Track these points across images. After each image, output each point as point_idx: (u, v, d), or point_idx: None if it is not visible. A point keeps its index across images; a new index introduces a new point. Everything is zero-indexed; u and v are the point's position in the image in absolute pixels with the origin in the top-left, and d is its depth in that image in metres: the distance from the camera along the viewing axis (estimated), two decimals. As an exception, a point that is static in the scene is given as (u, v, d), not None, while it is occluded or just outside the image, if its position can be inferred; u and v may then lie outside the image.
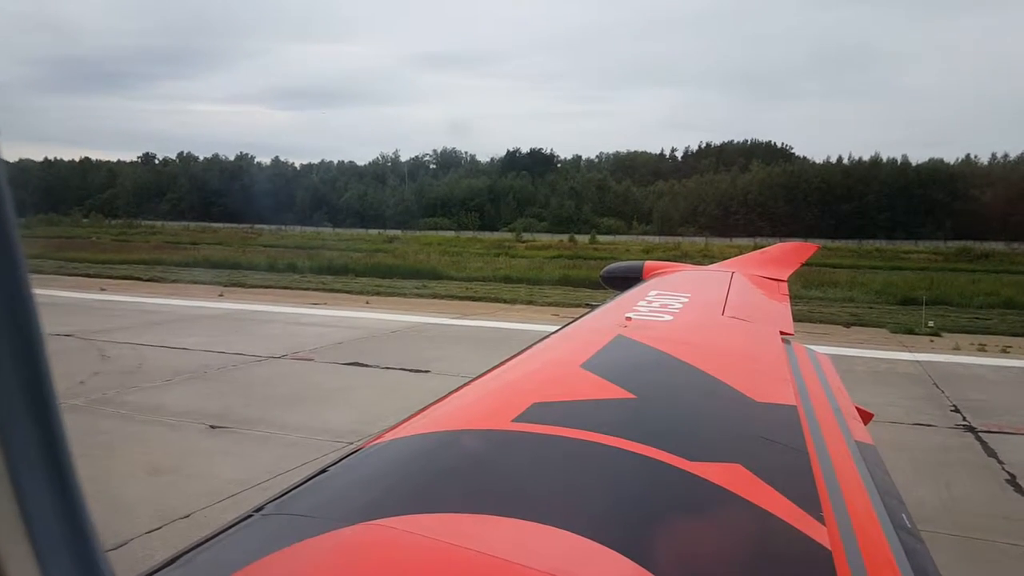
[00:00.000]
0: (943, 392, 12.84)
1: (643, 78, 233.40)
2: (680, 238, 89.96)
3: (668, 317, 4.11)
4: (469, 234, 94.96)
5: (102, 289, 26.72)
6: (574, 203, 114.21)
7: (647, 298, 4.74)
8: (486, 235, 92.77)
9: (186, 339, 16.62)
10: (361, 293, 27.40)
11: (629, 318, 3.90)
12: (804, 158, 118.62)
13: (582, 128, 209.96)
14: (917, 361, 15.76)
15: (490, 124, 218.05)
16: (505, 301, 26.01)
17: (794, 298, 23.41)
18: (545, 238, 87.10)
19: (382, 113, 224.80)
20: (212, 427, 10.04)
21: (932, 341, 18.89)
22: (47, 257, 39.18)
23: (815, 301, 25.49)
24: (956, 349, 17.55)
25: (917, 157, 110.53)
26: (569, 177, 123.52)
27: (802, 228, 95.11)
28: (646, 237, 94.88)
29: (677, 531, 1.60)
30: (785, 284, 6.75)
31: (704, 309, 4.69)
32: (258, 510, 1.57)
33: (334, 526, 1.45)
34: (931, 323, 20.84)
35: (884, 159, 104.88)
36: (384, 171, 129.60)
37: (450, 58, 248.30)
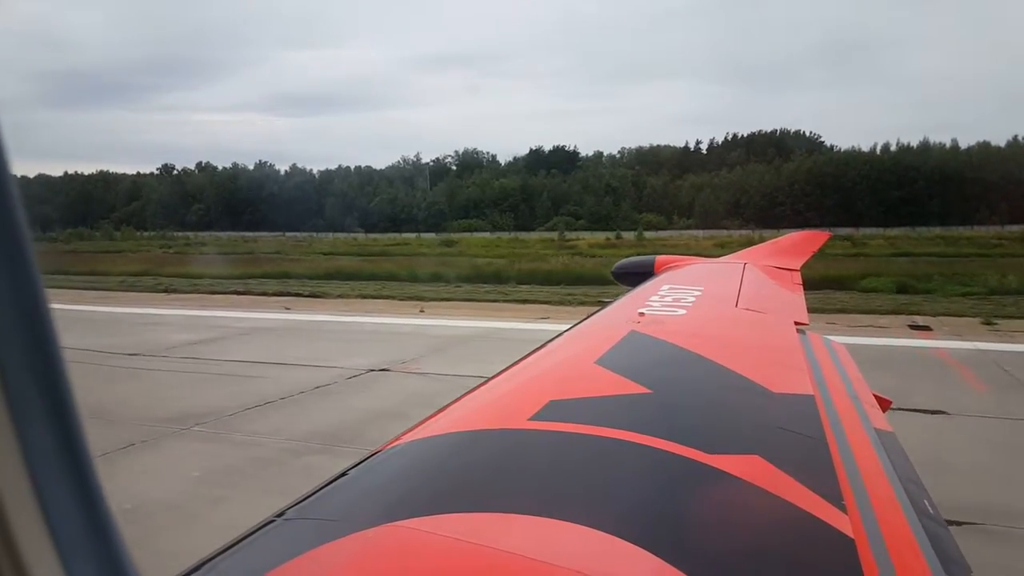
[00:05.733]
0: None
1: (652, 72, 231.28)
2: (726, 231, 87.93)
3: (681, 311, 4.09)
4: (507, 234, 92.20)
5: (287, 308, 24.05)
6: (611, 199, 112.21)
7: (660, 292, 4.70)
8: (526, 235, 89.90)
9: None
10: (561, 303, 24.78)
11: (642, 313, 3.88)
12: (832, 147, 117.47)
13: (595, 125, 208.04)
14: None
15: (502, 124, 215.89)
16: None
17: (970, 296, 20.33)
18: (587, 236, 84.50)
19: (388, 117, 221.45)
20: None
21: None
22: (156, 274, 36.26)
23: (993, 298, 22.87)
24: None
25: (963, 141, 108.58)
26: (604, 174, 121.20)
27: (851, 217, 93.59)
28: (691, 232, 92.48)
29: (699, 524, 1.59)
30: (798, 273, 6.48)
31: (717, 302, 4.66)
32: (280, 515, 1.55)
33: (356, 528, 1.44)
34: None
35: (932, 143, 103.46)
36: (412, 174, 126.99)
37: (454, 59, 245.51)
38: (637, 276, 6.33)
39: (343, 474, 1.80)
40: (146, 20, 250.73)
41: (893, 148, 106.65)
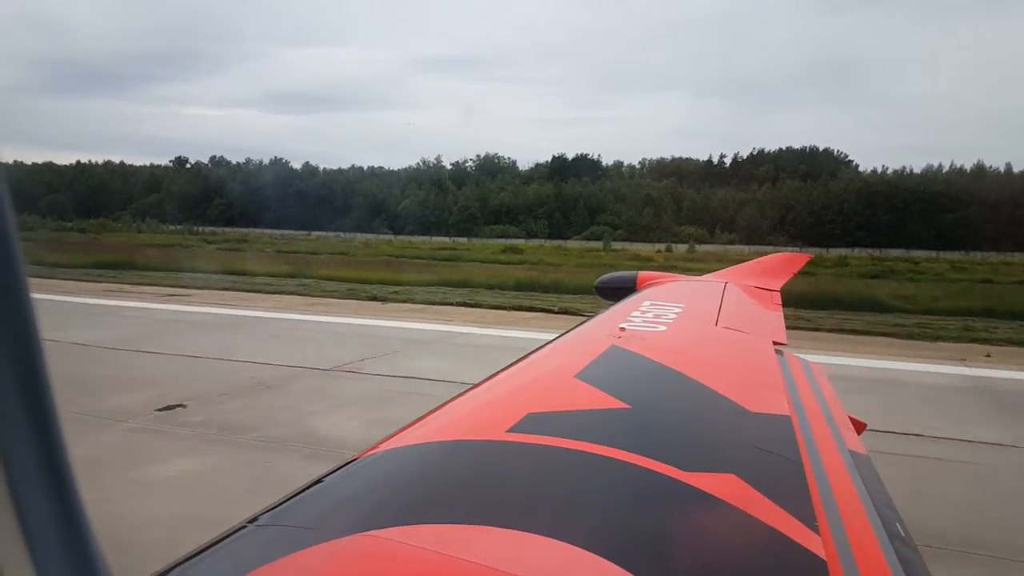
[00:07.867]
0: None
1: (656, 84, 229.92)
2: (772, 247, 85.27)
3: (662, 327, 4.04)
4: (546, 243, 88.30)
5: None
6: (652, 211, 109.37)
7: (641, 308, 4.68)
8: (568, 244, 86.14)
9: None
10: (834, 330, 21.11)
11: (623, 328, 3.84)
12: (856, 165, 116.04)
13: (603, 134, 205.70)
14: None
15: (508, 129, 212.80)
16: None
17: None
18: (626, 246, 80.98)
19: (391, 118, 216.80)
20: None
21: None
22: (307, 275, 31.98)
23: None
24: None
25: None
26: (643, 184, 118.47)
27: (903, 238, 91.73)
28: (737, 247, 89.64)
29: (672, 541, 1.60)
30: (778, 294, 6.46)
31: (698, 319, 4.63)
32: (252, 521, 1.52)
33: (328, 537, 1.43)
34: None
35: (988, 167, 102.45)
36: (438, 176, 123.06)
37: (453, 62, 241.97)
38: (619, 291, 6.29)
39: (318, 481, 1.74)
40: (143, 9, 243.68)
41: (945, 170, 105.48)
